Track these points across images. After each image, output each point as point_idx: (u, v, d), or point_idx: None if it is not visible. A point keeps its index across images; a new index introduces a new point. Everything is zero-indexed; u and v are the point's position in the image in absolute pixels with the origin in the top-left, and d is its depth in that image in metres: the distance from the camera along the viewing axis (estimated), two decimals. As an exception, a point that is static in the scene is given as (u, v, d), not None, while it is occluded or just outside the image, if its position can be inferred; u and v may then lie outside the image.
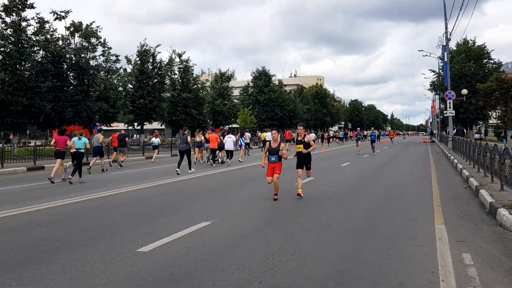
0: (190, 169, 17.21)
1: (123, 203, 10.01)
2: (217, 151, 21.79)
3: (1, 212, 8.68)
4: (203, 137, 22.93)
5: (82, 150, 14.85)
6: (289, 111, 67.53)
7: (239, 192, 11.87)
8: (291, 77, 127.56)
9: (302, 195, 10.36)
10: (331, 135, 58.99)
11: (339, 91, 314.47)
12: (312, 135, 43.52)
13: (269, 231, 7.11)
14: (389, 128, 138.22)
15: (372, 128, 37.63)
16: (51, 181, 13.86)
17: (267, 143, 10.45)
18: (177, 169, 16.48)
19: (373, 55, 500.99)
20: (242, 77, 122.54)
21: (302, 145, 10.57)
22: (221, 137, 21.83)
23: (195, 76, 50.09)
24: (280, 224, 7.70)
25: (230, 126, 60.76)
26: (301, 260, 5.46)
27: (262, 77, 65.31)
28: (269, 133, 36.82)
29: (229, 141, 21.32)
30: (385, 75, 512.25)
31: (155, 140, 26.16)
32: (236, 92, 66.13)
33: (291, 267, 5.20)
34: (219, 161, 22.09)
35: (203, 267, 5.18)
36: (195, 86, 49.00)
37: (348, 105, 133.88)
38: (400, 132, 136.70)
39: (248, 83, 67.30)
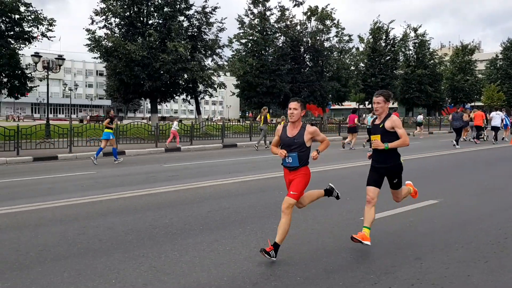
0: (457, 144, 18.13)
1: (350, 176, 10.47)
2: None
3: (233, 178, 10.22)
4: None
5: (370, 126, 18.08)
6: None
7: (477, 173, 10.98)
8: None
9: (368, 242, 4.69)
10: None
11: None
12: None
13: (506, 216, 6.41)
14: None
15: None
16: (343, 146, 17.88)
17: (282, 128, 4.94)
18: (454, 142, 18.18)
19: None
20: (491, 48, 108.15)
21: (379, 136, 4.95)
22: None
23: (431, 50, 47.13)
24: (521, 209, 6.84)
25: (473, 104, 55.07)
26: (542, 248, 4.82)
27: (516, 47, 56.56)
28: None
29: (497, 118, 21.32)
30: None
31: (420, 117, 27.57)
32: (481, 66, 59.38)
33: (528, 253, 4.66)
34: (484, 138, 22.31)
35: (425, 241, 5.13)
36: (432, 61, 46.22)
37: None
38: None
39: (496, 55, 59.27)
